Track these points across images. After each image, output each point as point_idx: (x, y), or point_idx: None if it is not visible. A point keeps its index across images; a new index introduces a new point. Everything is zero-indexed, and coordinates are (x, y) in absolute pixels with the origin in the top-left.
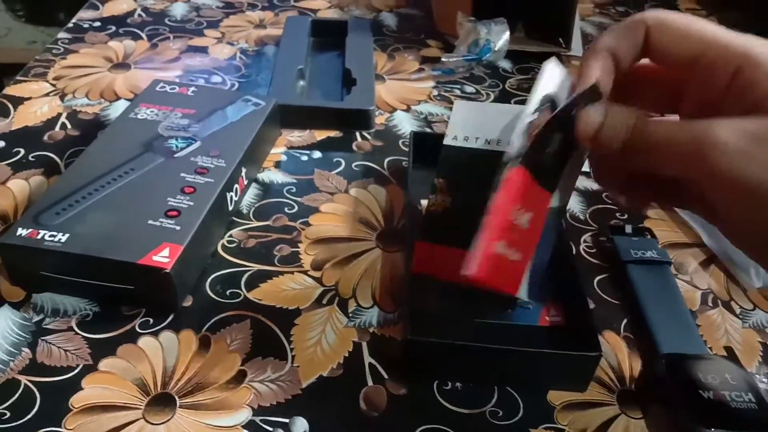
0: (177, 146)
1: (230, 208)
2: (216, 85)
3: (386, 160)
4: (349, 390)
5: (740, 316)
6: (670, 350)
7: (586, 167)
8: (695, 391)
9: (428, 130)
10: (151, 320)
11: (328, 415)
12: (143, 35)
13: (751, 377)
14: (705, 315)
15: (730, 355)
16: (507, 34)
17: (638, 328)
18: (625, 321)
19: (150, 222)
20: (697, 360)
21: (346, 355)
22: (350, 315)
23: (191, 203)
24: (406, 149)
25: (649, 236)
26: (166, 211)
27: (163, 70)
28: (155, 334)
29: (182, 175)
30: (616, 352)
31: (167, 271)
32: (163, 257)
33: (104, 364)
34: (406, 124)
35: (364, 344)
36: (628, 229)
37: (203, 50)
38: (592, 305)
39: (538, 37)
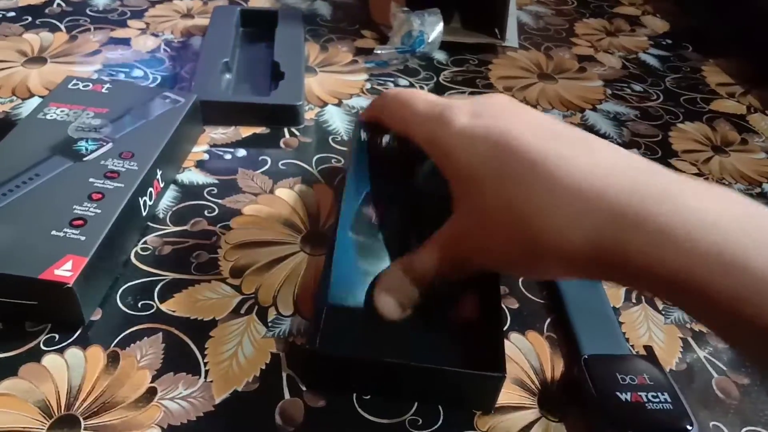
0: (87, 149)
1: (144, 214)
2: (137, 79)
3: (315, 158)
4: (264, 404)
5: (663, 312)
6: (591, 351)
7: None
8: (613, 393)
9: None
10: (57, 336)
11: None
12: (62, 27)
13: (667, 376)
14: (628, 312)
15: (649, 353)
16: (441, 26)
17: (561, 328)
18: (548, 320)
19: (54, 233)
20: (616, 360)
21: (263, 367)
22: (269, 324)
23: (98, 211)
24: (337, 146)
25: None
26: (71, 221)
27: (81, 65)
28: (60, 351)
29: (90, 180)
30: (539, 352)
31: (69, 285)
32: (66, 271)
33: (4, 386)
34: (336, 120)
35: (282, 355)
36: None
37: (126, 42)
38: (516, 305)
39: (474, 28)
